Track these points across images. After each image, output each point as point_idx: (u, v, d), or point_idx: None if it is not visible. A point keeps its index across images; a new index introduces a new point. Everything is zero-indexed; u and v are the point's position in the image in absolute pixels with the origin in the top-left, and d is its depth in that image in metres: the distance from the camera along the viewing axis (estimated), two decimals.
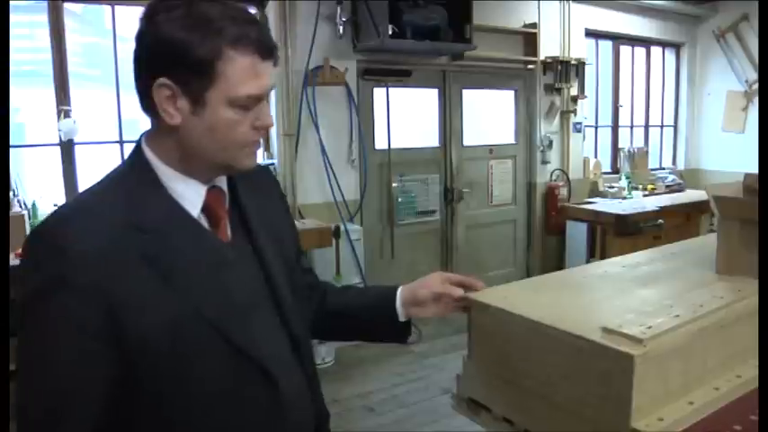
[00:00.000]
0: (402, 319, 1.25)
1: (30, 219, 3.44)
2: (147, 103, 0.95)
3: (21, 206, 3.53)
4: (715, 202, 1.37)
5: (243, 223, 1.08)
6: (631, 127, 6.81)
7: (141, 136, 1.02)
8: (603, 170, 6.39)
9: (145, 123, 1.02)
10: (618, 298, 1.26)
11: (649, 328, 1.01)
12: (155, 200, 0.96)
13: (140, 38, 0.92)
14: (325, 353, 4.21)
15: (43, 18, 3.69)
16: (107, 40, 3.98)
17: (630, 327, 1.01)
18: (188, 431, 0.97)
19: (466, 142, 5.43)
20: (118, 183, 0.98)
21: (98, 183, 1.00)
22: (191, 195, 1.00)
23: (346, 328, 1.34)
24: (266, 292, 1.07)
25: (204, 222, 1.02)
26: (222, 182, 1.06)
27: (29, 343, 0.91)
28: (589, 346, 1.01)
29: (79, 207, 0.98)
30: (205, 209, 1.02)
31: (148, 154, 0.99)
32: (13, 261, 3.04)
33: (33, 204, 3.54)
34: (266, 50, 0.94)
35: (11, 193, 3.53)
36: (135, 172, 0.99)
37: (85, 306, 0.87)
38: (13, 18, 3.62)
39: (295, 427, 1.06)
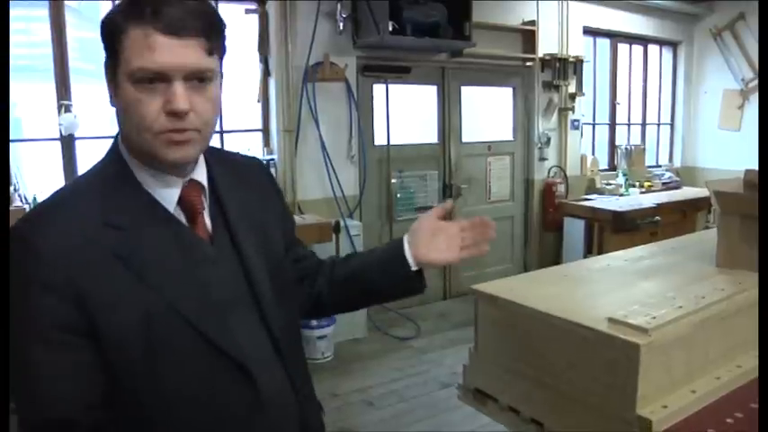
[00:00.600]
0: (414, 267, 1.18)
1: None
2: None
3: (22, 200, 3.54)
4: (716, 197, 1.40)
5: (223, 217, 1.06)
6: (628, 125, 6.85)
7: (118, 132, 1.00)
8: (601, 167, 6.42)
9: None
10: (621, 290, 1.29)
11: (654, 318, 1.04)
12: (129, 196, 0.96)
13: None
14: (324, 348, 4.23)
15: (39, 13, 3.69)
16: None
17: (635, 317, 1.04)
18: (165, 429, 0.96)
19: (464, 139, 5.45)
20: (94, 179, 0.98)
21: (76, 179, 1.01)
22: (165, 190, 0.98)
23: (361, 293, 1.26)
24: (246, 288, 1.04)
25: (181, 217, 1.00)
26: (201, 175, 1.04)
27: (15, 340, 0.91)
28: (595, 336, 1.04)
29: (56, 205, 0.97)
30: (182, 203, 1.00)
31: (122, 149, 0.98)
32: None
33: (34, 199, 3.55)
34: (170, 26, 0.88)
35: (11, 188, 3.54)
36: (111, 168, 0.98)
37: (62, 303, 0.88)
38: (10, 13, 3.63)
39: (276, 423, 1.05)
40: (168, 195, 0.98)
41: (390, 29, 4.24)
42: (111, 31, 0.89)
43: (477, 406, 1.35)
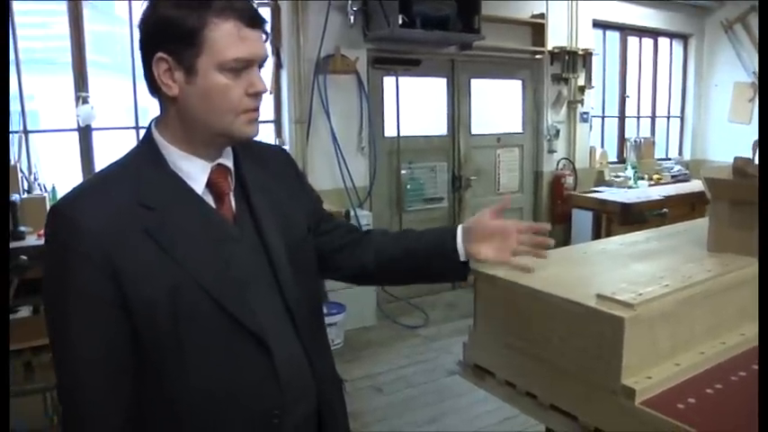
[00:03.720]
0: (463, 259, 1.28)
1: (50, 201, 3.57)
2: (151, 82, 1.02)
3: (41, 189, 3.67)
4: (707, 183, 1.45)
5: (246, 199, 1.13)
6: (638, 117, 6.86)
7: (151, 121, 1.09)
8: (610, 160, 6.45)
9: (154, 111, 1.10)
10: (614, 271, 1.35)
11: (640, 295, 1.11)
12: (160, 178, 1.03)
13: (141, 23, 1.01)
14: (334, 335, 4.31)
15: (57, 7, 3.78)
16: (117, 28, 4.07)
17: (623, 294, 1.11)
18: (187, 399, 1.03)
19: (474, 131, 5.51)
20: (128, 164, 1.06)
21: (111, 164, 1.09)
22: (195, 173, 1.06)
23: (406, 274, 1.36)
24: (266, 266, 1.11)
25: (209, 199, 1.08)
26: (228, 160, 1.11)
27: (52, 307, 1.01)
28: (585, 311, 1.11)
29: (92, 186, 1.06)
30: (210, 186, 1.08)
31: (156, 136, 1.06)
32: (37, 241, 3.19)
33: (53, 188, 3.67)
34: (251, 19, 1.00)
35: (31, 177, 3.66)
36: (144, 153, 1.06)
37: (98, 275, 0.96)
38: (26, 6, 3.74)
39: (293, 396, 1.11)
40: (198, 178, 1.07)
41: (400, 22, 4.31)
42: (192, 25, 0.97)
43: (476, 381, 1.42)
